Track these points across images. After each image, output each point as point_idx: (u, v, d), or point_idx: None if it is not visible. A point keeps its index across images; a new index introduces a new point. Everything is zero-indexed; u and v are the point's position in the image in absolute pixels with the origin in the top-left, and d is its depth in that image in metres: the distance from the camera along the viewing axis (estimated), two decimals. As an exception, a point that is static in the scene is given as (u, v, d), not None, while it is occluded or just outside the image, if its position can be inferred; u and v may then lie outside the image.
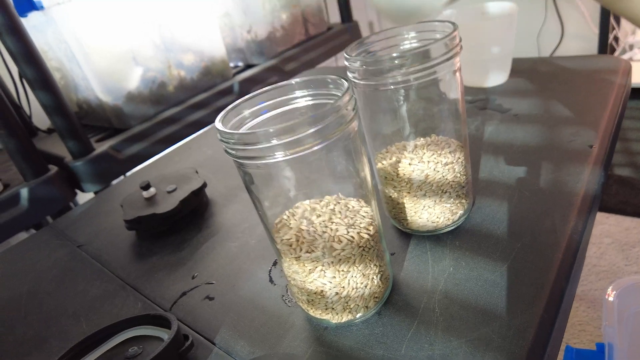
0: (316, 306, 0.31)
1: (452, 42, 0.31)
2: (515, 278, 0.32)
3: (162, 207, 0.48)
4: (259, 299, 0.37)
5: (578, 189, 0.39)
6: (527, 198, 0.39)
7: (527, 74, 0.65)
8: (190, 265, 0.44)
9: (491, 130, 0.52)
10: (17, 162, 0.70)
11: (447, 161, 0.34)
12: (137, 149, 0.81)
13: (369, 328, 0.31)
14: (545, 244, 0.34)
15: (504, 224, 0.37)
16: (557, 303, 0.30)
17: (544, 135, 0.49)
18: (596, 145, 0.44)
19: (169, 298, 0.41)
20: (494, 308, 0.30)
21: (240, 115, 0.28)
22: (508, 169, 0.44)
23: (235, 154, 0.26)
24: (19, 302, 0.47)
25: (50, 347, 0.39)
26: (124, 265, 0.47)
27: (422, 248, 0.37)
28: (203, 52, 0.92)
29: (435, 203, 0.35)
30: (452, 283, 0.33)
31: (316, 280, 0.29)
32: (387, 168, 0.36)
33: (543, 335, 0.28)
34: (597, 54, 0.67)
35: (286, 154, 0.25)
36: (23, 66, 0.67)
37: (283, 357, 0.31)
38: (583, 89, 0.56)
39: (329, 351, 0.30)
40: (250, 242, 0.45)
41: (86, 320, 0.41)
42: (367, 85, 0.33)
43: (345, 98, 0.25)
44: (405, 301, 0.32)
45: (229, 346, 0.33)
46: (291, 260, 0.29)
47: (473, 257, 0.34)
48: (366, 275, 0.30)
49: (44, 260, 0.53)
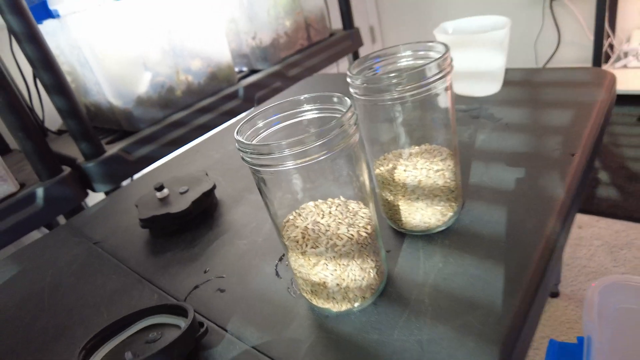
0: (319, 296, 0.35)
1: (444, 63, 0.35)
2: (497, 273, 0.35)
3: (175, 207, 0.52)
4: (266, 291, 0.41)
5: (558, 194, 0.42)
6: (512, 202, 0.43)
7: (520, 85, 0.69)
8: (202, 261, 0.48)
9: (483, 139, 0.56)
10: (33, 162, 0.74)
11: (438, 168, 0.38)
12: (147, 151, 0.84)
13: (365, 316, 0.35)
14: (525, 244, 0.38)
15: (490, 225, 0.41)
16: (532, 296, 0.33)
17: (531, 144, 0.52)
18: (578, 154, 0.48)
19: (183, 290, 0.44)
20: (477, 299, 0.34)
21: (255, 126, 0.32)
22: (496, 175, 0.48)
23: (251, 162, 0.30)
24: (41, 294, 0.50)
25: (74, 334, 0.43)
26: (139, 261, 0.51)
27: (415, 246, 0.41)
28: (210, 58, 0.96)
29: (427, 206, 0.39)
30: (441, 277, 0.36)
31: (319, 272, 0.33)
32: (384, 174, 0.40)
33: (518, 323, 0.31)
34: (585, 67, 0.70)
35: (295, 163, 0.28)
36: (40, 72, 0.71)
37: (289, 342, 0.35)
38: (570, 100, 0.60)
39: (330, 336, 0.34)
40: (258, 240, 0.49)
41: (107, 310, 0.45)
42: (367, 100, 0.36)
43: (348, 114, 0.29)
44: (398, 293, 0.36)
45: (240, 332, 0.37)
46: (297, 255, 0.33)
47: (461, 255, 0.38)
48: (364, 269, 0.34)
49: (63, 256, 0.57)
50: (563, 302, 0.89)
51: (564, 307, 0.88)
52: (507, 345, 0.30)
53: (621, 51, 1.59)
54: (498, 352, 0.30)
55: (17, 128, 0.70)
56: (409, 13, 2.04)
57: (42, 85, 0.72)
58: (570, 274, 0.94)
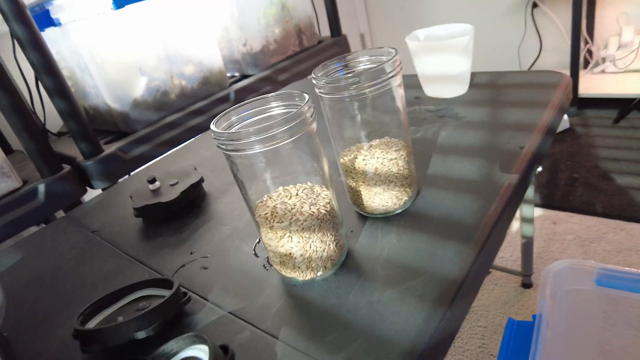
0: (286, 266, 0.40)
1: (393, 64, 0.40)
2: (441, 247, 0.41)
3: (165, 197, 0.57)
4: (244, 267, 0.46)
5: (503, 181, 0.48)
6: (462, 188, 0.49)
7: (485, 87, 0.75)
8: (189, 244, 0.53)
9: (445, 135, 0.61)
10: (35, 161, 0.79)
11: (392, 157, 0.43)
12: (142, 150, 0.90)
13: (327, 284, 0.40)
14: (470, 222, 0.43)
15: (441, 208, 0.46)
16: (470, 266, 0.39)
17: (487, 139, 0.58)
18: (526, 147, 0.54)
19: (171, 269, 0.50)
20: (422, 268, 0.39)
21: (229, 120, 0.38)
22: (452, 166, 0.53)
23: (225, 148, 0.35)
24: (44, 277, 0.55)
25: (75, 307, 0.48)
26: (133, 245, 0.56)
27: (374, 226, 0.46)
28: (202, 64, 1.02)
29: (384, 190, 0.45)
30: (394, 251, 0.42)
31: (285, 244, 0.38)
32: (347, 163, 0.45)
33: (454, 287, 0.37)
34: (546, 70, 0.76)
35: (261, 147, 0.34)
36: (43, 76, 0.77)
37: (260, 307, 0.40)
38: (527, 100, 0.66)
39: (296, 301, 0.39)
40: (240, 225, 0.54)
41: (103, 288, 0.50)
42: (330, 99, 0.42)
43: (305, 107, 0.35)
44: (356, 264, 0.42)
45: (219, 301, 0.42)
46: (267, 229, 0.39)
47: (413, 233, 0.44)
48: (324, 242, 0.39)
49: (64, 244, 0.62)
50: (536, 292, 0.95)
51: (535, 296, 0.93)
52: (443, 303, 0.36)
53: (599, 57, 1.66)
54: (434, 309, 0.35)
55: (21, 128, 0.75)
56: (399, 20, 2.11)
57: (45, 88, 0.78)
58: (543, 266, 1.00)
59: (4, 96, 0.73)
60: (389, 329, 0.34)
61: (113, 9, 0.84)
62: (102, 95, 0.89)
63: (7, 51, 0.97)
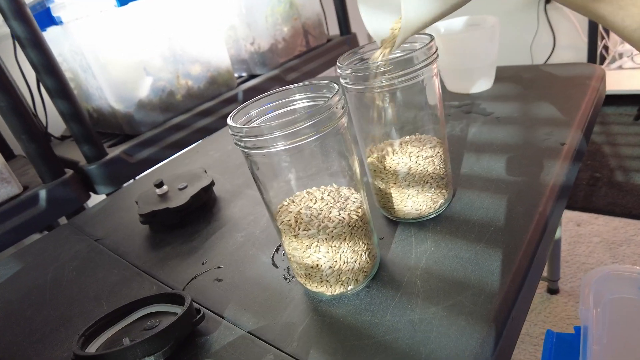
0: (313, 279, 0.35)
1: (429, 51, 0.36)
2: (487, 255, 0.36)
3: (174, 202, 0.53)
4: (262, 280, 0.42)
5: (548, 180, 0.43)
6: (502, 189, 0.44)
7: (511, 81, 0.70)
8: (201, 253, 0.48)
9: (474, 132, 0.57)
10: (36, 165, 0.75)
11: (427, 155, 0.39)
12: (147, 153, 0.86)
13: (359, 299, 0.36)
14: (516, 227, 0.38)
15: (481, 211, 0.41)
16: (523, 275, 0.34)
17: (522, 135, 0.53)
18: (567, 143, 0.49)
19: (182, 281, 0.45)
20: (467, 280, 0.34)
21: (248, 114, 0.33)
22: (487, 165, 0.49)
23: (244, 145, 0.31)
24: (44, 288, 0.51)
25: (75, 324, 0.44)
26: (139, 254, 0.52)
27: (407, 233, 0.41)
28: (209, 63, 0.98)
29: (418, 192, 0.40)
30: (432, 261, 0.37)
31: (312, 255, 0.34)
32: (375, 162, 0.41)
33: (508, 301, 0.32)
34: (575, 62, 0.72)
35: (286, 144, 0.30)
36: (44, 77, 0.73)
37: (283, 326, 0.35)
38: (560, 93, 0.61)
39: (324, 319, 0.35)
40: (255, 232, 0.49)
41: (107, 302, 0.46)
42: (357, 89, 0.37)
43: (335, 98, 0.30)
44: (390, 276, 0.37)
45: (236, 319, 0.38)
46: (291, 238, 0.34)
47: (452, 239, 0.39)
48: (355, 251, 0.34)
49: (65, 252, 0.58)
50: (563, 299, 0.89)
51: (563, 303, 0.88)
52: (498, 322, 0.31)
53: (616, 52, 1.61)
54: (488, 329, 0.30)
55: (20, 131, 0.71)
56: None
57: (46, 89, 0.74)
58: (569, 270, 0.95)
59: (2, 97, 0.69)
60: (438, 353, 0.29)
61: (116, 6, 0.80)
62: (105, 96, 0.86)
63: (8, 53, 0.93)
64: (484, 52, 0.65)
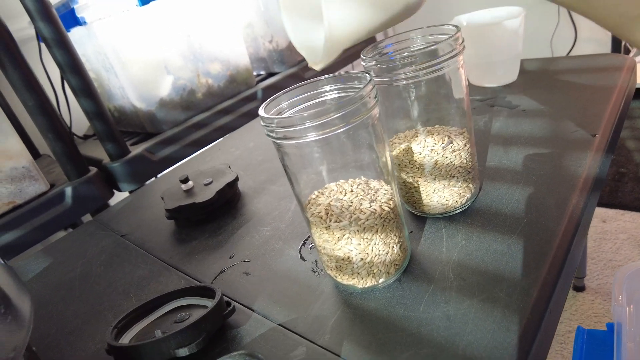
0: (344, 272, 0.35)
1: (455, 42, 0.35)
2: (521, 248, 0.35)
3: (200, 197, 0.53)
4: (291, 273, 0.41)
5: (580, 172, 0.42)
6: (532, 182, 0.43)
7: (536, 73, 0.68)
8: (227, 247, 0.49)
9: (499, 125, 0.56)
10: (62, 163, 0.77)
11: (455, 148, 0.38)
12: (169, 151, 0.86)
13: (390, 292, 0.35)
14: (549, 219, 0.38)
15: (511, 204, 0.41)
16: (560, 267, 0.33)
17: (550, 127, 0.52)
18: (599, 134, 0.48)
19: (209, 275, 0.45)
20: (501, 273, 0.34)
21: (279, 106, 0.33)
22: (515, 158, 0.48)
23: (275, 136, 0.31)
24: (72, 283, 0.52)
25: (105, 317, 0.44)
26: (166, 249, 0.52)
27: (437, 226, 0.41)
28: (229, 62, 0.99)
29: (445, 187, 0.39)
30: (464, 254, 0.37)
31: (344, 247, 0.33)
32: (400, 156, 0.40)
33: (546, 293, 0.31)
34: (603, 53, 0.70)
35: (317, 134, 0.29)
36: (69, 76, 0.74)
37: (314, 319, 0.35)
38: (588, 85, 0.60)
39: (355, 312, 0.35)
40: (281, 226, 0.49)
41: (135, 296, 0.46)
42: (381, 82, 0.37)
43: (368, 87, 0.30)
44: (422, 269, 0.36)
45: (266, 311, 0.38)
46: (322, 230, 0.34)
47: (483, 232, 0.38)
48: (387, 244, 0.34)
49: (92, 248, 0.59)
50: (589, 296, 0.87)
51: (590, 300, 0.86)
52: (534, 314, 0.30)
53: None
54: (526, 321, 0.30)
55: (47, 129, 0.73)
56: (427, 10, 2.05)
57: (71, 89, 0.75)
58: (595, 267, 0.92)
59: (30, 97, 0.70)
60: (475, 345, 0.29)
61: (138, 6, 0.81)
62: (127, 95, 0.87)
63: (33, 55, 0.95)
64: (510, 44, 0.63)
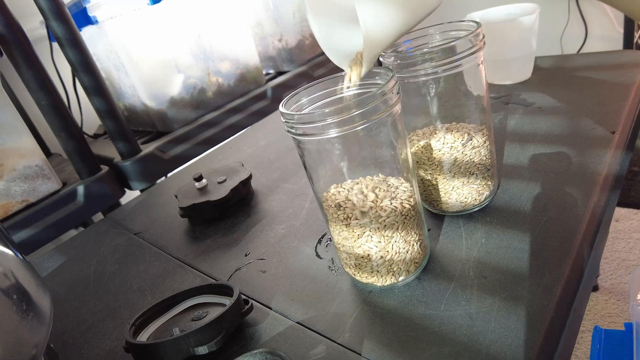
0: (363, 270, 0.35)
1: (475, 39, 0.35)
2: (542, 245, 0.35)
3: (214, 195, 0.53)
4: (307, 271, 0.41)
5: (600, 169, 0.42)
6: (551, 179, 0.43)
7: (551, 71, 0.68)
8: (242, 245, 0.49)
9: (515, 122, 0.55)
10: (74, 161, 0.77)
11: (474, 145, 0.38)
12: (180, 150, 0.87)
13: (410, 290, 0.35)
14: (569, 217, 0.37)
15: (531, 202, 0.40)
16: (582, 264, 0.33)
17: (568, 125, 0.52)
18: (618, 131, 0.47)
19: (225, 273, 0.45)
20: (523, 271, 0.33)
21: (299, 102, 0.33)
22: (533, 155, 0.47)
23: (295, 132, 0.30)
24: (87, 281, 0.52)
25: (121, 315, 0.44)
26: (180, 247, 0.52)
27: (455, 224, 0.40)
28: (238, 61, 0.99)
29: (464, 184, 0.39)
30: (485, 252, 0.36)
31: (364, 244, 0.33)
32: (419, 153, 0.40)
33: (569, 291, 0.31)
34: (617, 50, 0.69)
35: (338, 131, 0.29)
36: (81, 75, 0.74)
37: (333, 316, 0.35)
38: (605, 81, 0.59)
39: (375, 310, 0.34)
40: (296, 224, 0.49)
41: (150, 294, 0.46)
42: (400, 78, 0.37)
43: (390, 83, 0.30)
44: (442, 268, 0.36)
45: (284, 309, 0.38)
46: (341, 227, 0.34)
47: (503, 230, 0.38)
48: (407, 242, 0.34)
49: (106, 246, 0.59)
50: (603, 296, 0.86)
51: (604, 300, 0.85)
52: (560, 313, 0.30)
53: (653, 43, 1.54)
54: (550, 319, 0.29)
55: (60, 128, 0.73)
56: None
57: (83, 87, 0.76)
58: (609, 267, 0.91)
59: (43, 96, 0.71)
60: (499, 343, 0.28)
61: (149, 4, 0.81)
62: (138, 94, 0.87)
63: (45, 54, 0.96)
64: (524, 41, 0.63)
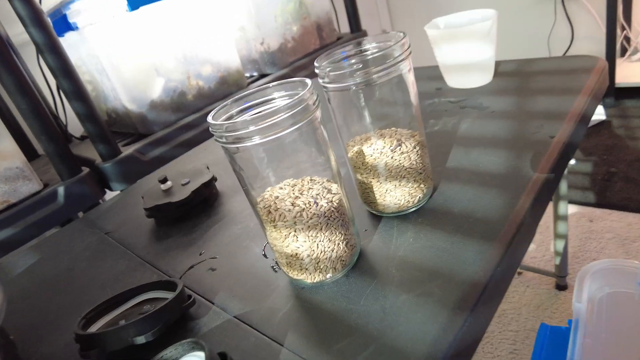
0: (294, 267, 0.37)
1: (402, 47, 0.37)
2: (462, 246, 0.37)
3: (177, 197, 0.56)
4: (252, 269, 0.44)
5: (531, 173, 0.44)
6: (486, 182, 0.45)
7: (511, 75, 0.70)
8: (199, 244, 0.51)
9: (467, 126, 0.57)
10: (55, 163, 0.80)
11: (404, 150, 0.40)
12: (160, 151, 0.89)
13: (337, 286, 0.37)
14: (494, 219, 0.39)
15: (462, 203, 0.43)
16: (495, 267, 0.35)
17: (514, 129, 0.54)
18: (557, 136, 0.49)
19: (180, 270, 0.48)
20: (440, 269, 0.36)
21: (228, 113, 0.36)
22: (475, 158, 0.50)
23: (224, 141, 0.33)
24: (58, 277, 0.55)
25: (84, 309, 0.47)
26: (144, 246, 0.55)
27: (390, 224, 0.43)
28: (220, 64, 1.01)
29: (396, 187, 0.41)
30: (410, 251, 0.39)
31: (291, 244, 0.36)
32: (354, 158, 0.42)
33: (476, 291, 0.33)
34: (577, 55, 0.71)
35: (261, 137, 0.32)
36: (61, 80, 0.77)
37: (266, 311, 0.38)
38: (558, 86, 0.61)
39: (304, 304, 0.37)
40: (250, 224, 0.52)
41: (111, 290, 0.49)
42: (335, 88, 0.39)
43: (307, 93, 0.32)
44: (370, 265, 0.39)
45: (225, 304, 0.40)
46: (271, 228, 0.36)
47: (431, 231, 0.40)
48: (332, 241, 0.36)
49: (78, 245, 0.62)
50: (571, 295, 0.88)
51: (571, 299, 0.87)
52: (463, 309, 0.32)
53: (638, 43, 1.55)
54: (454, 315, 0.32)
55: (40, 131, 0.76)
56: (422, 14, 2.06)
57: (63, 92, 0.78)
58: (579, 266, 0.93)
59: (22, 100, 0.74)
60: (403, 336, 0.31)
61: (128, 11, 0.84)
62: (119, 97, 0.90)
63: (31, 58, 0.99)
64: (482, 46, 0.65)
